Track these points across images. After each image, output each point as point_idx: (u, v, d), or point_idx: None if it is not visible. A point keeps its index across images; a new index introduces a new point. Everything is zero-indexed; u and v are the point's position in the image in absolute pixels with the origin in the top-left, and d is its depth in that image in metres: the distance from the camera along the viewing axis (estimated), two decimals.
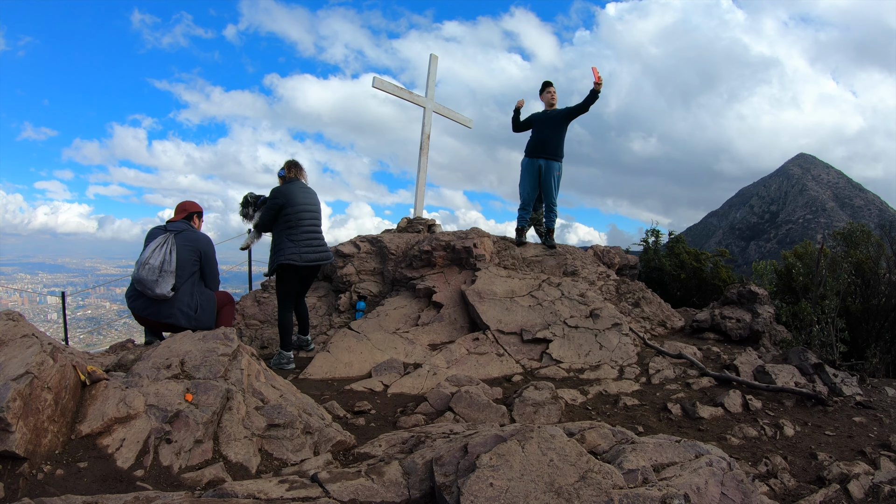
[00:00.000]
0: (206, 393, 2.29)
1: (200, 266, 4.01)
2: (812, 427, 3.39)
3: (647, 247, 8.98)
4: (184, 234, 3.93)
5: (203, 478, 1.99)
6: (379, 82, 7.09)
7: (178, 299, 3.83)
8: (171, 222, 4.05)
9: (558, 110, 6.16)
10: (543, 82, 6.33)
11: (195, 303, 3.92)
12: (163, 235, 3.86)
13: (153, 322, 3.91)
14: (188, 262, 3.88)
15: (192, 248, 3.92)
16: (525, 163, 6.29)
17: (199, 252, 3.96)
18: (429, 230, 7.12)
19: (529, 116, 6.37)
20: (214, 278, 4.16)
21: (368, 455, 2.34)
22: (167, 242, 3.81)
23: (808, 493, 2.55)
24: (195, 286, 3.96)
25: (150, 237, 3.91)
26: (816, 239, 10.04)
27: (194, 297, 3.92)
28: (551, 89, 6.23)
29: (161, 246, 3.78)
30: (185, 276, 3.86)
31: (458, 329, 4.91)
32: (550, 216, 6.45)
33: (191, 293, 3.91)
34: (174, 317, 3.81)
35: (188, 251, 3.88)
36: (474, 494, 1.53)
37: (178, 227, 3.97)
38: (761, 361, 4.29)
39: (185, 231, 3.96)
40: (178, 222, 4.04)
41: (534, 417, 3.19)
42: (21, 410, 1.73)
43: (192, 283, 3.94)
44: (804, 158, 75.36)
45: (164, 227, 3.99)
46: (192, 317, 3.88)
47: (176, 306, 3.82)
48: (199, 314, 3.93)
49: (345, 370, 4.18)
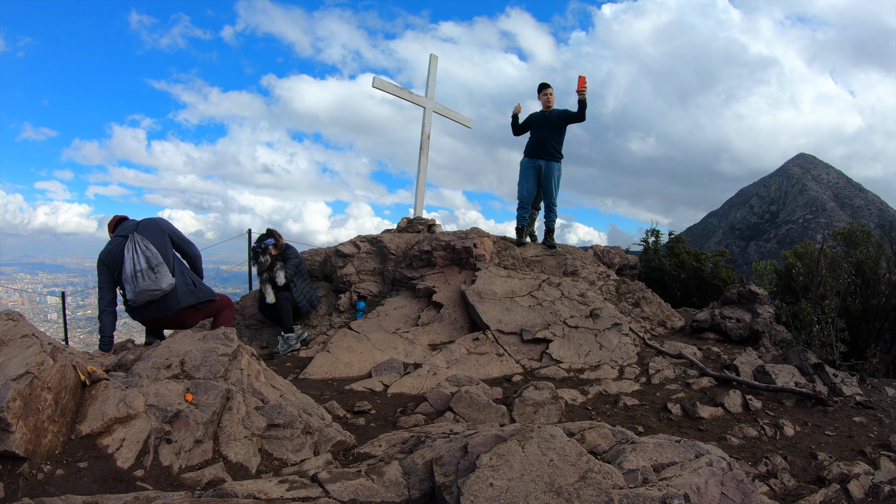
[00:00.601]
0: (206, 393, 2.29)
1: (174, 245, 3.99)
2: (812, 427, 3.39)
3: (647, 247, 8.98)
4: (140, 225, 3.84)
5: (203, 478, 1.99)
6: (379, 82, 7.09)
7: (176, 282, 3.84)
8: (116, 234, 3.88)
9: (556, 111, 6.15)
10: (540, 84, 6.30)
11: (189, 278, 3.98)
12: (123, 242, 3.74)
13: (166, 319, 3.97)
14: (163, 245, 3.82)
15: (157, 231, 3.85)
16: (525, 163, 6.29)
17: (166, 232, 3.92)
18: (429, 230, 7.12)
19: (528, 118, 6.36)
20: (194, 249, 4.18)
21: (368, 455, 2.34)
22: (135, 243, 3.70)
23: (808, 493, 2.55)
24: (179, 265, 3.98)
25: (113, 256, 3.75)
26: (816, 239, 10.03)
27: (185, 275, 3.96)
28: (548, 91, 6.21)
29: (134, 250, 3.68)
30: (169, 260, 3.83)
31: (458, 329, 4.91)
32: (551, 216, 6.45)
33: (182, 272, 3.94)
34: (182, 300, 3.87)
35: (156, 236, 3.81)
36: (474, 494, 1.53)
37: (126, 227, 3.86)
38: (761, 361, 4.29)
39: (138, 223, 3.87)
40: (123, 225, 3.91)
41: (534, 417, 3.19)
42: (21, 410, 1.73)
43: (177, 262, 3.96)
44: (804, 158, 75.39)
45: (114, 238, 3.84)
46: (195, 291, 3.95)
47: (178, 291, 3.85)
48: (198, 286, 4.01)
49: (345, 370, 4.18)
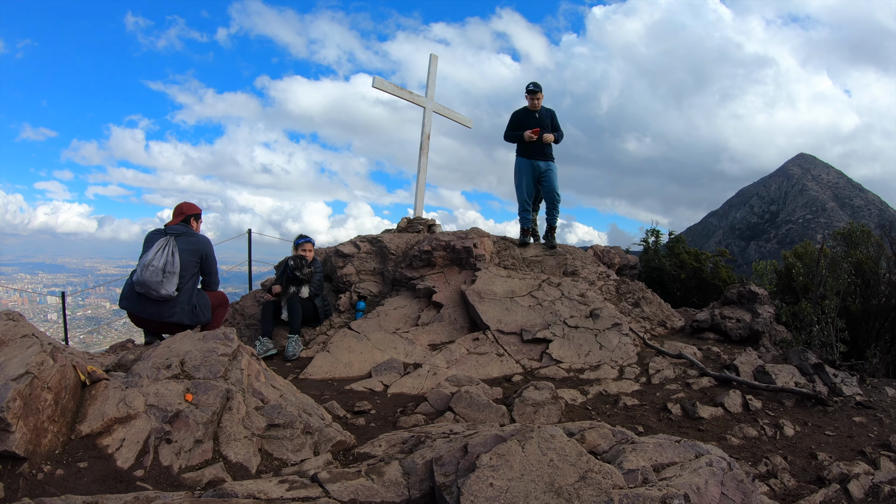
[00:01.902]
0: (206, 393, 2.29)
1: (201, 268, 4.11)
2: (812, 427, 3.38)
3: (647, 247, 8.98)
4: (184, 238, 4.00)
5: (203, 478, 1.99)
6: (379, 83, 7.10)
7: (179, 299, 3.91)
8: (170, 226, 4.10)
9: (546, 113, 6.17)
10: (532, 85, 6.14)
11: (194, 301, 4.02)
12: (164, 239, 3.92)
13: (153, 323, 3.97)
14: (189, 263, 3.97)
15: (193, 249, 4.01)
16: (521, 163, 6.26)
17: (200, 254, 4.06)
18: (429, 230, 7.12)
19: (517, 114, 6.29)
20: (214, 279, 4.27)
21: (368, 455, 2.34)
22: (168, 245, 3.88)
23: (808, 493, 2.55)
24: (194, 286, 4.06)
25: (150, 241, 3.97)
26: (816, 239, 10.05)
27: (193, 297, 4.02)
28: (540, 95, 6.14)
29: (163, 249, 3.85)
30: (186, 278, 3.96)
31: (458, 329, 4.91)
32: (554, 213, 6.43)
33: (190, 292, 4.00)
34: (175, 315, 3.89)
35: (189, 253, 3.98)
36: (474, 494, 1.53)
37: (177, 229, 4.04)
38: (761, 361, 4.29)
39: (184, 234, 4.03)
40: (177, 225, 4.10)
41: (534, 417, 3.19)
42: (21, 410, 1.73)
43: (193, 283, 4.05)
44: (804, 158, 75.33)
45: (163, 230, 4.05)
46: (192, 314, 3.97)
47: (177, 305, 3.91)
48: (198, 311, 4.03)
49: (345, 370, 4.18)
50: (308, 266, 5.03)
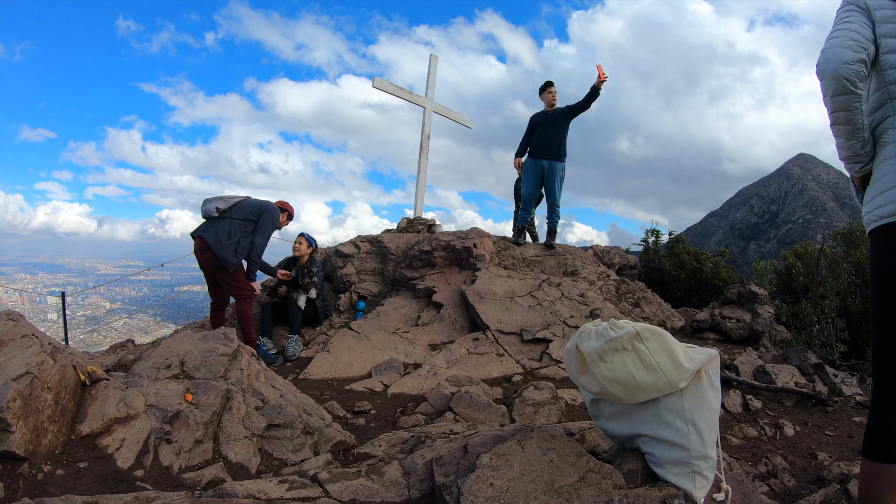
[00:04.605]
0: (206, 393, 2.30)
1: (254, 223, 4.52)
2: (812, 427, 3.39)
3: (647, 247, 8.98)
4: (245, 203, 4.57)
5: (203, 478, 1.99)
6: (379, 83, 7.10)
7: (220, 225, 4.37)
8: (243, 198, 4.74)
9: (559, 110, 6.15)
10: (545, 82, 6.31)
11: (230, 241, 4.36)
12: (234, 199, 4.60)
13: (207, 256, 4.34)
14: (242, 213, 4.48)
15: (251, 208, 4.54)
16: (528, 163, 6.27)
17: (256, 212, 4.53)
18: (429, 230, 7.12)
19: (532, 118, 6.33)
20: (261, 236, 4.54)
21: (368, 455, 2.34)
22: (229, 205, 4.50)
23: (808, 493, 2.55)
24: (236, 235, 4.41)
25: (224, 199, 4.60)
26: (816, 239, 10.05)
27: (231, 238, 4.38)
28: (552, 89, 6.21)
29: (224, 200, 4.50)
30: (231, 223, 4.41)
31: (458, 329, 4.91)
32: (553, 217, 6.43)
33: (229, 235, 4.37)
34: (216, 242, 4.29)
35: (246, 208, 4.53)
36: (474, 494, 1.52)
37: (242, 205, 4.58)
38: (761, 361, 4.29)
39: (249, 202, 4.60)
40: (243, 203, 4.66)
41: (534, 417, 3.19)
42: (21, 410, 1.73)
43: (233, 232, 4.41)
44: (804, 158, 75.32)
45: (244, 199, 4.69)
46: (221, 247, 4.31)
47: (220, 234, 4.34)
48: (224, 250, 4.31)
49: (345, 370, 4.18)
50: (309, 277, 5.14)
